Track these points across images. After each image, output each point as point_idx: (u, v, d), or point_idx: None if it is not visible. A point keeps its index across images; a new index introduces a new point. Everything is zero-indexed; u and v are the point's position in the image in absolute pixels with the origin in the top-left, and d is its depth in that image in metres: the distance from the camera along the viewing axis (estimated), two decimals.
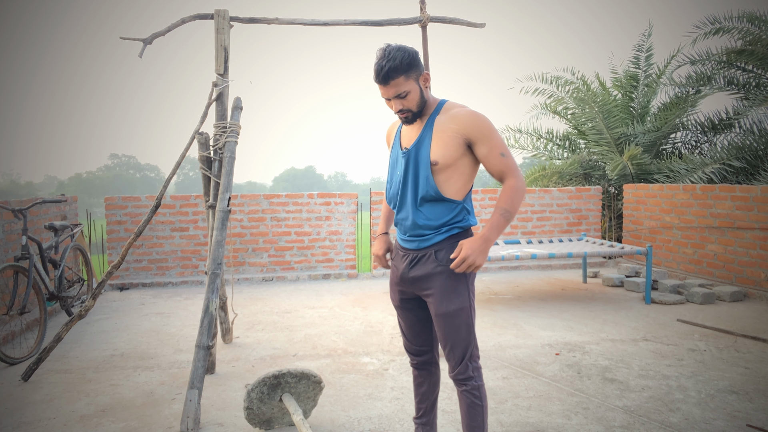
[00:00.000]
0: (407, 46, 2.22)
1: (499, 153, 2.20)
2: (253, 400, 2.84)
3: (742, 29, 8.64)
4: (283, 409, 2.93)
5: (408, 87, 2.19)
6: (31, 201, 4.99)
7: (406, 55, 2.19)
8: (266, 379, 2.84)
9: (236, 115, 3.83)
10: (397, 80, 2.17)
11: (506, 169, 2.21)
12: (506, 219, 2.17)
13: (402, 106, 2.22)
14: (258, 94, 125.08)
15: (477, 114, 2.22)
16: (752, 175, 8.02)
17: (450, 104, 2.30)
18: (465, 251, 2.12)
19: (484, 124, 2.20)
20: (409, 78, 2.19)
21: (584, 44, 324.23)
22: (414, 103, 2.22)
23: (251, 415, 2.87)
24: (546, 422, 2.99)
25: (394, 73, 2.16)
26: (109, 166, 74.63)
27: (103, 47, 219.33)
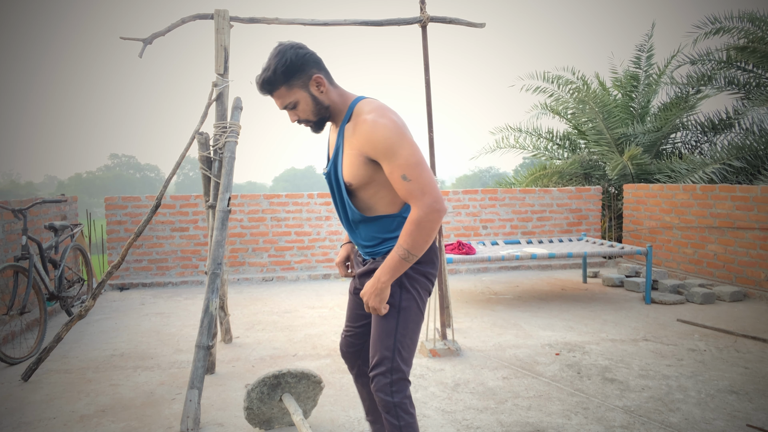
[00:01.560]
0: (291, 50, 1.94)
1: (400, 175, 1.85)
2: (253, 400, 2.84)
3: (742, 29, 8.64)
4: (283, 409, 2.93)
5: (294, 97, 1.95)
6: (31, 201, 4.99)
7: (284, 61, 1.91)
8: (266, 379, 2.84)
9: (236, 115, 3.83)
10: (278, 92, 1.95)
11: (409, 195, 1.86)
12: (405, 260, 1.87)
13: (297, 117, 1.99)
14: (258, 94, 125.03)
15: (375, 125, 1.87)
16: (752, 175, 8.02)
17: (360, 107, 1.98)
18: (363, 293, 1.96)
19: (381, 139, 1.86)
20: (292, 87, 1.94)
21: (584, 44, 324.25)
22: (308, 113, 1.98)
23: (251, 415, 2.87)
24: (546, 422, 2.99)
25: (271, 86, 1.94)
26: (109, 166, 74.66)
27: (103, 47, 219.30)
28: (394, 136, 1.86)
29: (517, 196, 7.85)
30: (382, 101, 2.06)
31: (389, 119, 1.89)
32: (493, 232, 7.77)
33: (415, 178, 1.85)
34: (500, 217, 7.80)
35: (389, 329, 2.02)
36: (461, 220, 7.69)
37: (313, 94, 1.96)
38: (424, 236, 1.85)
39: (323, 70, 2.00)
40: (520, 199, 7.85)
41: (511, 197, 7.83)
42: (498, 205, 7.80)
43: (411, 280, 2.05)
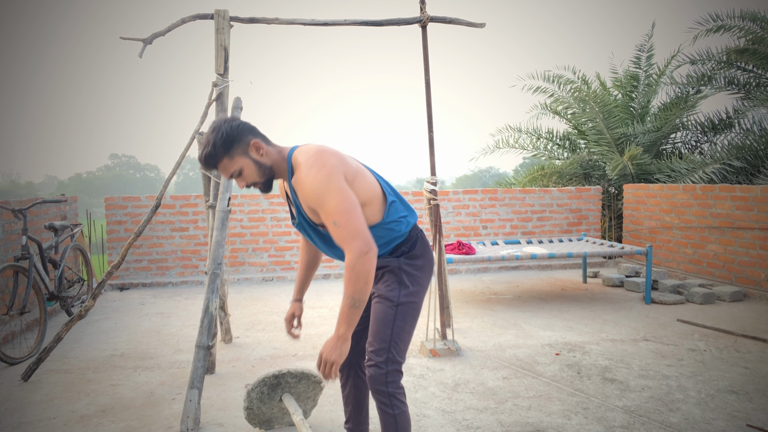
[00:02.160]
0: (225, 124, 2.03)
1: (331, 222, 1.94)
2: (253, 400, 2.84)
3: (743, 28, 8.64)
4: (283, 409, 2.93)
5: (237, 165, 2.03)
6: (31, 201, 4.99)
7: (221, 135, 2.00)
8: (266, 379, 2.84)
9: (236, 116, 3.83)
10: (221, 164, 2.03)
11: (341, 240, 1.95)
12: (355, 307, 1.95)
13: (245, 182, 2.07)
14: (258, 94, 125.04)
15: (306, 180, 1.97)
16: (752, 175, 8.02)
17: (295, 160, 2.05)
18: (321, 352, 2.00)
19: (310, 192, 1.96)
20: (233, 156, 2.02)
21: (584, 44, 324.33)
22: (254, 176, 2.06)
23: (251, 415, 2.87)
24: (546, 422, 2.99)
25: (214, 159, 2.02)
26: (109, 166, 74.67)
27: (103, 47, 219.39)
28: (321, 187, 1.94)
29: (517, 196, 7.85)
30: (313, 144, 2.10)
31: (316, 170, 1.96)
32: (493, 232, 7.77)
33: (344, 224, 1.93)
34: (500, 217, 7.80)
35: (387, 322, 2.12)
36: (461, 220, 7.69)
37: (255, 159, 2.05)
38: (362, 279, 1.92)
39: (259, 135, 2.10)
40: (520, 199, 7.85)
41: (511, 197, 7.84)
42: (498, 205, 7.80)
43: (409, 276, 2.17)
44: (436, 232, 4.13)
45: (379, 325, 2.12)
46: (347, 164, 2.05)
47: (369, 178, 2.14)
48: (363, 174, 2.12)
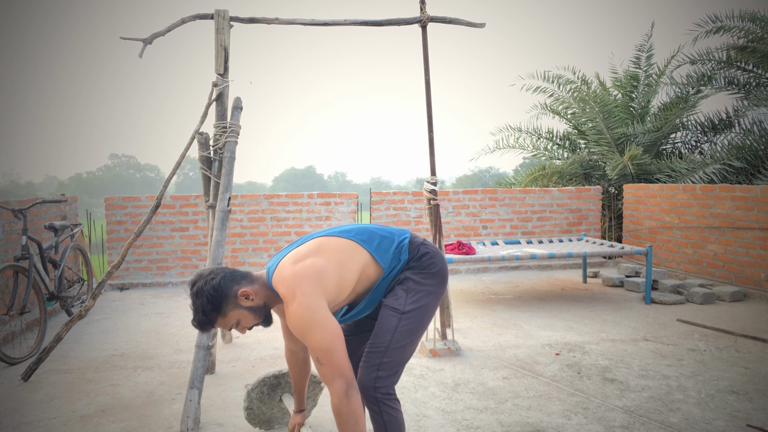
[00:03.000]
0: (205, 286, 2.01)
1: (315, 358, 1.94)
2: (253, 400, 2.84)
3: (743, 28, 8.63)
4: (283, 409, 2.93)
5: (233, 319, 2.05)
6: (31, 201, 4.99)
7: (205, 300, 2.00)
8: (266, 379, 2.84)
9: (236, 115, 3.83)
10: (217, 323, 2.05)
11: (323, 378, 1.94)
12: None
13: (246, 329, 2.11)
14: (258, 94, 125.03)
15: (290, 316, 1.96)
16: (752, 175, 8.02)
17: (276, 287, 2.05)
18: None
19: (296, 327, 1.95)
20: (226, 314, 2.04)
21: (584, 44, 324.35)
22: (252, 321, 2.09)
23: (251, 415, 2.87)
24: (546, 422, 2.99)
25: (209, 324, 2.04)
26: (109, 166, 74.65)
27: (103, 47, 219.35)
28: (303, 324, 1.92)
29: (517, 196, 7.85)
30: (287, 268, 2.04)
31: (296, 304, 1.93)
32: (493, 232, 7.77)
33: (326, 362, 1.91)
34: (500, 217, 7.80)
35: (389, 328, 2.11)
36: (461, 220, 7.69)
37: (247, 306, 2.06)
38: (352, 420, 1.90)
39: (242, 280, 2.07)
40: (520, 199, 7.85)
41: (511, 197, 7.83)
42: (498, 205, 7.80)
43: (416, 284, 2.16)
44: (436, 232, 4.13)
45: (380, 330, 2.13)
46: (325, 276, 2.01)
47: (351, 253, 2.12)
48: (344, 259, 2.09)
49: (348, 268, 2.08)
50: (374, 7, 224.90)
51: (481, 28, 4.38)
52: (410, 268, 2.20)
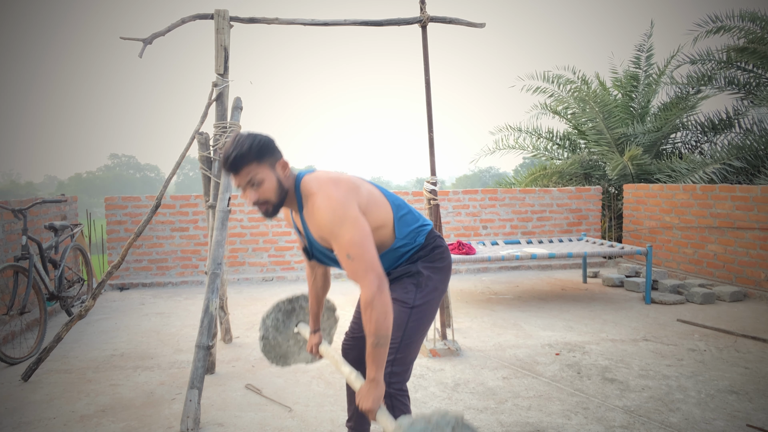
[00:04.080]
0: (261, 134, 2.02)
1: (345, 255, 1.89)
2: (268, 328, 2.70)
3: (743, 28, 8.63)
4: (299, 343, 2.80)
5: (262, 174, 1.96)
6: (31, 201, 4.99)
7: (257, 141, 1.96)
8: (280, 305, 2.71)
9: (236, 115, 3.84)
10: (248, 167, 1.95)
11: (354, 275, 1.89)
12: (381, 345, 1.87)
13: (258, 197, 1.98)
14: (258, 94, 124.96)
15: (320, 210, 1.93)
16: (753, 175, 8.02)
17: (305, 189, 2.02)
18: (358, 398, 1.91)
19: (325, 223, 1.91)
20: (262, 164, 1.96)
21: (584, 44, 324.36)
22: (270, 193, 1.99)
23: (267, 347, 2.73)
24: (546, 422, 2.99)
25: (243, 160, 1.94)
26: (109, 166, 74.66)
27: (103, 47, 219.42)
28: (335, 219, 1.89)
29: (517, 196, 7.85)
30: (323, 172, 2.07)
31: (330, 200, 1.92)
32: (493, 232, 7.77)
33: (358, 258, 1.87)
34: (500, 217, 7.80)
35: (400, 324, 2.11)
36: (461, 220, 7.69)
37: (278, 176, 2.00)
38: (382, 315, 1.86)
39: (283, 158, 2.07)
40: (520, 199, 7.85)
41: (511, 197, 7.83)
42: (498, 205, 7.80)
43: (426, 279, 2.15)
44: None
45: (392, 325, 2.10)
46: (359, 192, 2.02)
47: (380, 201, 2.12)
48: (375, 199, 2.09)
49: (372, 214, 2.04)
50: (374, 7, 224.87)
51: (481, 28, 4.38)
52: (421, 258, 2.18)
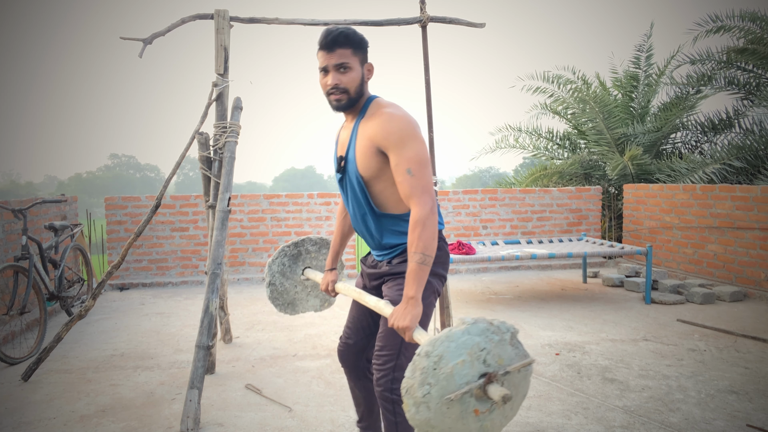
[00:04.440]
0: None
1: (405, 169, 1.88)
2: (274, 273, 2.68)
3: (743, 28, 8.63)
4: (306, 289, 2.78)
5: (352, 63, 2.00)
6: (31, 201, 4.99)
7: (361, 35, 2.05)
8: (285, 249, 2.69)
9: (236, 115, 3.83)
10: (344, 50, 1.99)
11: (410, 191, 1.88)
12: (426, 263, 1.86)
13: (339, 82, 1.99)
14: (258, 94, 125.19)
15: (392, 117, 1.95)
16: (753, 175, 8.02)
17: (376, 103, 2.06)
18: (391, 320, 1.89)
19: (395, 130, 1.92)
20: (356, 54, 2.02)
21: (584, 44, 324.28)
22: (353, 85, 2.01)
23: (275, 293, 2.71)
24: (546, 422, 2.99)
25: (346, 41, 1.98)
26: (109, 166, 74.65)
27: (103, 47, 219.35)
28: (408, 130, 1.92)
29: (517, 196, 7.85)
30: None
31: (405, 114, 1.98)
32: (493, 232, 7.77)
33: (419, 176, 1.88)
34: (500, 217, 7.80)
35: None
36: (461, 220, 7.69)
37: (363, 74, 2.05)
38: (431, 234, 1.86)
39: None
40: (520, 199, 7.85)
41: (511, 197, 7.83)
42: (498, 205, 7.80)
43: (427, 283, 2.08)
44: None
45: (390, 331, 2.06)
46: None
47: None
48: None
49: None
50: (374, 7, 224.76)
51: (481, 28, 4.38)
52: None
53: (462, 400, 1.60)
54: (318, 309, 2.86)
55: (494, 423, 1.68)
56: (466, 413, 1.62)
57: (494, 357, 1.66)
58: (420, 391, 1.56)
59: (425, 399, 1.56)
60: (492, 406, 1.65)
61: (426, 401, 1.56)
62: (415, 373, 1.57)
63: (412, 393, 1.57)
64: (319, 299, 2.88)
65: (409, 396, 1.58)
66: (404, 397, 1.60)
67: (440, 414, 1.58)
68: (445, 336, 1.59)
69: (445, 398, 1.57)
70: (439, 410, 1.57)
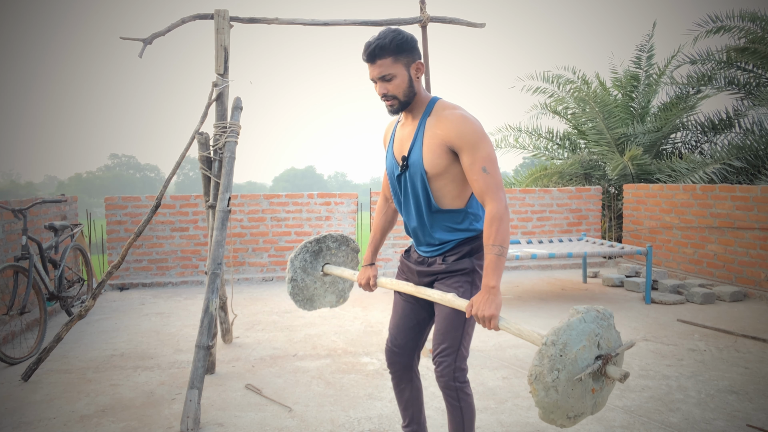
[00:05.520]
0: (406, 32, 2.11)
1: (480, 167, 2.00)
2: (296, 269, 2.69)
3: (743, 28, 8.63)
4: (324, 285, 2.79)
5: (395, 70, 2.06)
6: (31, 201, 4.99)
7: (400, 37, 2.06)
8: (308, 245, 2.70)
9: (236, 115, 3.84)
10: (383, 60, 2.05)
11: (486, 188, 2.01)
12: (503, 255, 2.00)
13: (386, 91, 2.08)
14: (258, 94, 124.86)
15: (465, 119, 2.05)
16: (753, 175, 8.02)
17: (441, 104, 2.15)
18: (472, 308, 1.98)
19: (469, 131, 2.03)
20: (398, 61, 2.06)
21: (584, 44, 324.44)
22: (400, 91, 2.08)
23: (296, 290, 2.72)
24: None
25: (382, 52, 2.04)
26: (109, 166, 74.63)
27: (103, 47, 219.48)
28: (481, 132, 2.04)
29: (517, 196, 7.85)
30: None
31: (474, 117, 2.08)
32: None
33: (493, 174, 2.01)
34: None
35: (458, 323, 2.17)
36: None
37: (411, 77, 2.10)
38: (507, 228, 2.01)
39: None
40: (520, 199, 7.85)
41: (511, 197, 7.83)
42: None
43: (479, 278, 2.21)
44: None
45: (449, 326, 2.17)
46: None
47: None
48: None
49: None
50: (374, 7, 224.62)
51: (481, 28, 4.38)
52: (475, 252, 2.20)
53: (584, 382, 1.79)
54: (334, 305, 2.85)
55: (603, 398, 1.90)
56: (585, 392, 1.81)
57: (605, 341, 1.88)
58: (549, 376, 1.73)
59: (554, 383, 1.73)
60: (603, 384, 1.85)
61: (555, 385, 1.73)
62: (543, 360, 1.73)
63: (541, 379, 1.73)
64: (335, 295, 2.88)
65: (538, 382, 1.74)
66: (533, 384, 1.75)
67: (566, 395, 1.76)
68: (566, 325, 1.78)
69: (574, 379, 1.75)
70: (564, 392, 1.75)
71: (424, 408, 2.54)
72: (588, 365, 1.79)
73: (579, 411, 1.82)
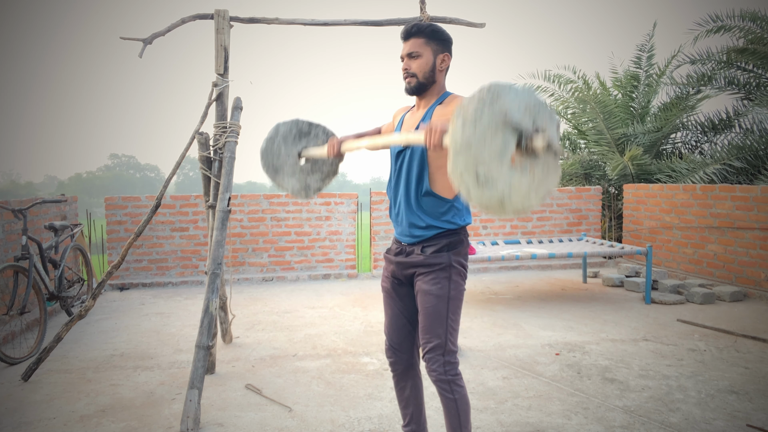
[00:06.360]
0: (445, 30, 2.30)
1: None
2: (278, 132, 2.66)
3: (743, 28, 8.63)
4: (294, 166, 2.73)
5: (422, 51, 2.24)
6: (31, 201, 4.99)
7: (437, 26, 2.27)
8: (300, 122, 2.68)
9: (236, 115, 3.83)
10: (416, 40, 2.24)
11: None
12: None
13: (408, 67, 2.25)
14: (258, 94, 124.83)
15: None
16: (753, 175, 8.02)
17: (453, 96, 2.29)
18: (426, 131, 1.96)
19: None
20: (428, 45, 2.24)
21: (584, 44, 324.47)
22: (421, 70, 2.24)
23: (268, 150, 2.67)
24: (546, 422, 2.99)
25: (417, 32, 2.24)
26: (109, 166, 74.61)
27: (103, 47, 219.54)
28: None
29: None
30: None
31: None
32: (493, 232, 7.77)
33: None
34: (500, 216, 7.78)
35: (441, 317, 2.25)
36: None
37: (435, 63, 2.26)
38: None
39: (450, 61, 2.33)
40: None
41: None
42: None
43: (456, 272, 2.27)
44: None
45: (433, 321, 2.24)
46: None
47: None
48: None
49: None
50: (374, 7, 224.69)
51: (481, 28, 4.37)
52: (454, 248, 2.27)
53: (505, 137, 1.65)
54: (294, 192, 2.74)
55: (520, 184, 1.69)
56: (504, 155, 1.65)
57: (542, 123, 1.72)
58: (472, 109, 1.63)
59: (474, 117, 1.62)
60: (525, 168, 1.69)
61: (474, 119, 1.62)
62: (472, 100, 1.65)
63: (463, 112, 1.64)
64: (299, 183, 2.76)
65: (459, 115, 1.64)
66: (454, 118, 1.66)
67: (482, 139, 1.62)
68: (507, 84, 1.69)
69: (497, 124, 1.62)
70: (482, 134, 1.62)
71: (424, 408, 2.55)
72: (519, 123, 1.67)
73: (490, 172, 1.64)
